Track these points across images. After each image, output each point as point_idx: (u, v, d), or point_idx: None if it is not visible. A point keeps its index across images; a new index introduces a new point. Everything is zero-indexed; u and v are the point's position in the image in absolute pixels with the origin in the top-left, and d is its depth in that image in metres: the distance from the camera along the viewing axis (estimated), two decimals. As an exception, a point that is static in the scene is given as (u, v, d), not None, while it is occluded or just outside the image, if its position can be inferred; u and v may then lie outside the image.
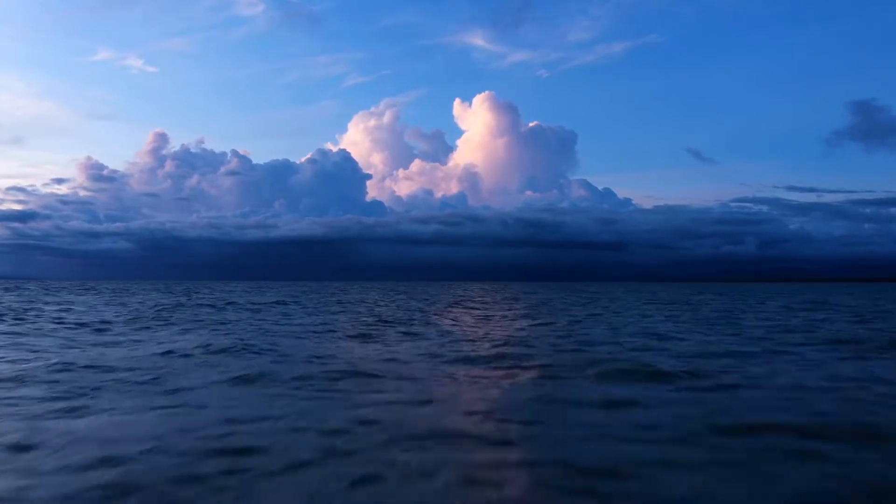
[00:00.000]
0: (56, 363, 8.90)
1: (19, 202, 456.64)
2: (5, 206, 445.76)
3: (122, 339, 13.24)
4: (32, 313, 20.81)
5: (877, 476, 4.17)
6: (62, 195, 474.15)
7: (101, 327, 16.00)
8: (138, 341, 12.68)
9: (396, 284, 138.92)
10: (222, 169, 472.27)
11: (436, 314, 22.07)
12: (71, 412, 5.94)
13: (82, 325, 16.60)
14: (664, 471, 4.23)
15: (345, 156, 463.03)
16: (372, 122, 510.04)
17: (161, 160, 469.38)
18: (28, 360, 9.40)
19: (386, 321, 18.75)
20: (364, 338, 13.60)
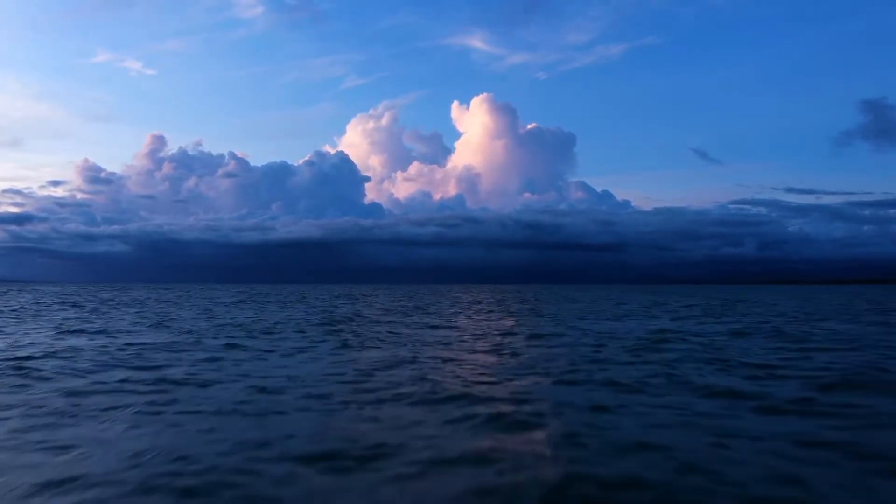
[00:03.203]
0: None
1: (16, 204, 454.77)
2: (2, 209, 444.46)
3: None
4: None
5: None
6: (59, 197, 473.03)
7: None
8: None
9: (399, 288, 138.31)
10: (220, 171, 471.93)
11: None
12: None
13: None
14: None
15: (343, 158, 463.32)
16: (370, 124, 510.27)
17: (159, 162, 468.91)
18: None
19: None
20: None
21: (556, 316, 23.50)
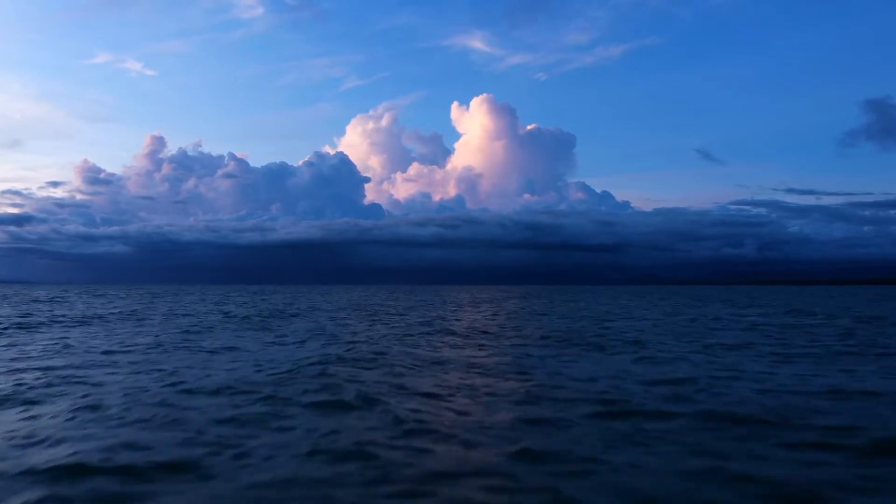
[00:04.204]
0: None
1: (15, 205, 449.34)
2: (2, 210, 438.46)
3: None
4: None
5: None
6: (59, 198, 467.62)
7: None
8: None
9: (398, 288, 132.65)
10: (219, 172, 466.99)
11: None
12: None
13: None
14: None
15: (342, 158, 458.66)
16: (370, 125, 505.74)
17: (158, 163, 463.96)
18: None
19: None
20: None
21: (628, 336, 17.58)
